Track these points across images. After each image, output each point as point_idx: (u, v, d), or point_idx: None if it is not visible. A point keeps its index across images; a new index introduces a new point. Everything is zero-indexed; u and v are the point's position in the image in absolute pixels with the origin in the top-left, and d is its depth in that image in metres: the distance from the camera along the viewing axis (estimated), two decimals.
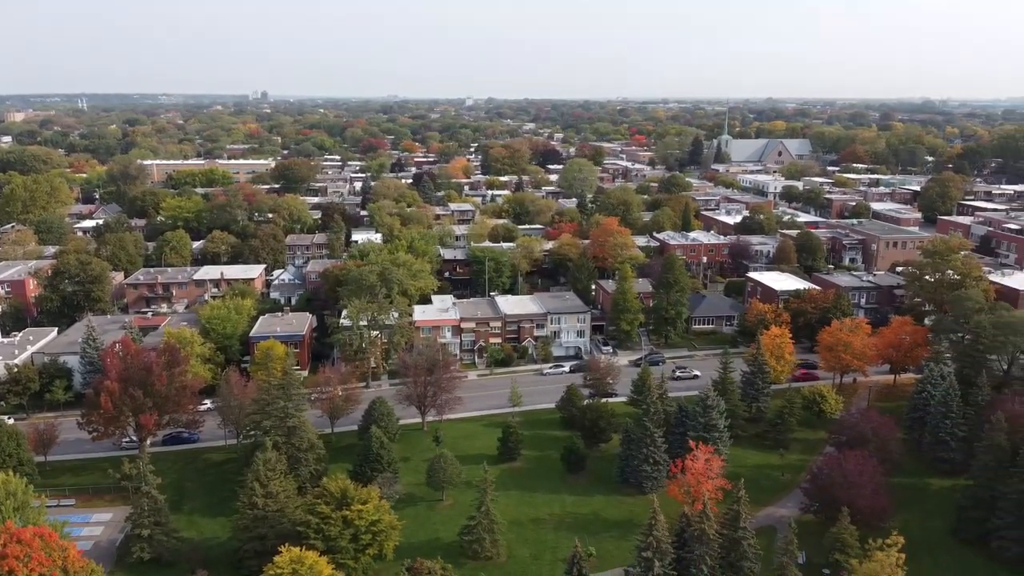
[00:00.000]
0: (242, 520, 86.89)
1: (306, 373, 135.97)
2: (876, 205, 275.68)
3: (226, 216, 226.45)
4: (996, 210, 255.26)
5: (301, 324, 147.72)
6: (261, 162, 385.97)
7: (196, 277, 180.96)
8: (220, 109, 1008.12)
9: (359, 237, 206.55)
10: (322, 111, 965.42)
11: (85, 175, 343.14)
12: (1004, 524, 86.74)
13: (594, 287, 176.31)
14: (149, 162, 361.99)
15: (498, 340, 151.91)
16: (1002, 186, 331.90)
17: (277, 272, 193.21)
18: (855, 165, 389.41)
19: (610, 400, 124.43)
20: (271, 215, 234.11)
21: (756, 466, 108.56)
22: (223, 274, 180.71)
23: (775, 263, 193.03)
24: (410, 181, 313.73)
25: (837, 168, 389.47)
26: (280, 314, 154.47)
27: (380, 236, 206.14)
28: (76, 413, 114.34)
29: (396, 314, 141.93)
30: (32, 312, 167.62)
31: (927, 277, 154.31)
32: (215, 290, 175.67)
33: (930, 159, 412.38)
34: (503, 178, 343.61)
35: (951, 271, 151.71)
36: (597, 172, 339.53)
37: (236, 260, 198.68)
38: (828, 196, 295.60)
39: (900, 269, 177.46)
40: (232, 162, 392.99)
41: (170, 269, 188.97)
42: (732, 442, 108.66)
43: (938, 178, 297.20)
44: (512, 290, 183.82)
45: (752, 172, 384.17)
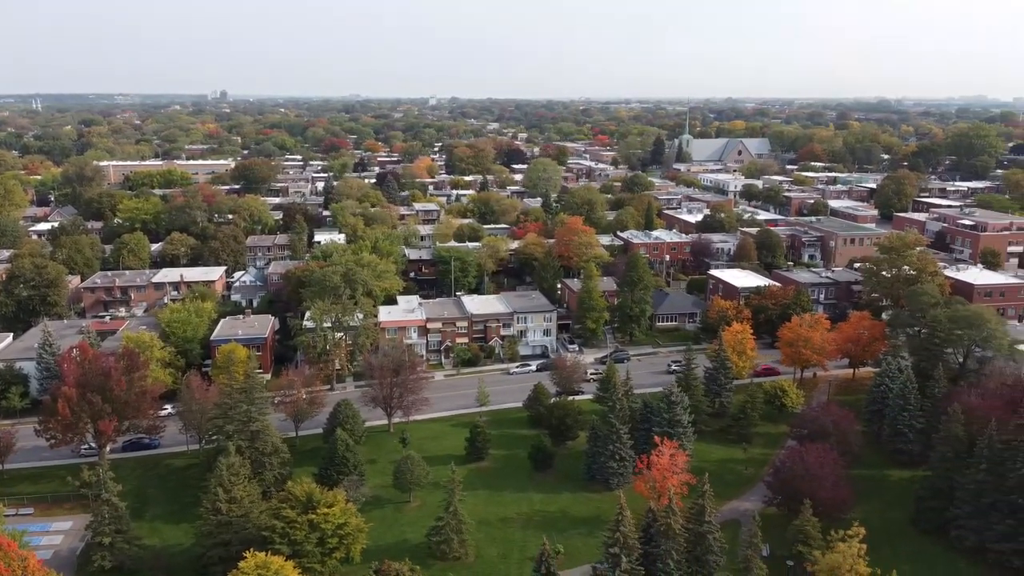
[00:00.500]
0: (205, 526, 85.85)
1: (269, 376, 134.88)
2: (834, 203, 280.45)
3: (185, 217, 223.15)
4: (950, 207, 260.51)
5: (263, 326, 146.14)
6: (221, 162, 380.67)
7: (155, 280, 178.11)
8: (178, 109, 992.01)
9: (322, 238, 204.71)
10: (283, 111, 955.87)
11: (40, 177, 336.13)
12: (962, 514, 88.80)
13: (560, 286, 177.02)
14: (105, 163, 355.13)
15: (465, 340, 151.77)
16: (956, 183, 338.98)
17: (238, 274, 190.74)
18: (813, 163, 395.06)
19: (577, 398, 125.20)
20: (231, 216, 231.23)
21: (720, 460, 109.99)
22: (183, 277, 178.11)
23: (736, 260, 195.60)
24: (373, 181, 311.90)
25: (795, 167, 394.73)
26: (242, 317, 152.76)
27: (343, 237, 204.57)
28: (33, 420, 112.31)
29: (361, 315, 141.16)
30: None
31: (884, 273, 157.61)
32: (175, 293, 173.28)
33: (886, 157, 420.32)
34: (468, 178, 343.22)
35: (907, 267, 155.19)
36: (561, 172, 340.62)
37: (196, 262, 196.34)
38: (787, 194, 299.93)
39: (858, 265, 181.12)
40: (191, 163, 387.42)
41: (128, 272, 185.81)
42: (696, 437, 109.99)
43: (894, 176, 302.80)
44: (478, 290, 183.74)
45: (713, 171, 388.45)
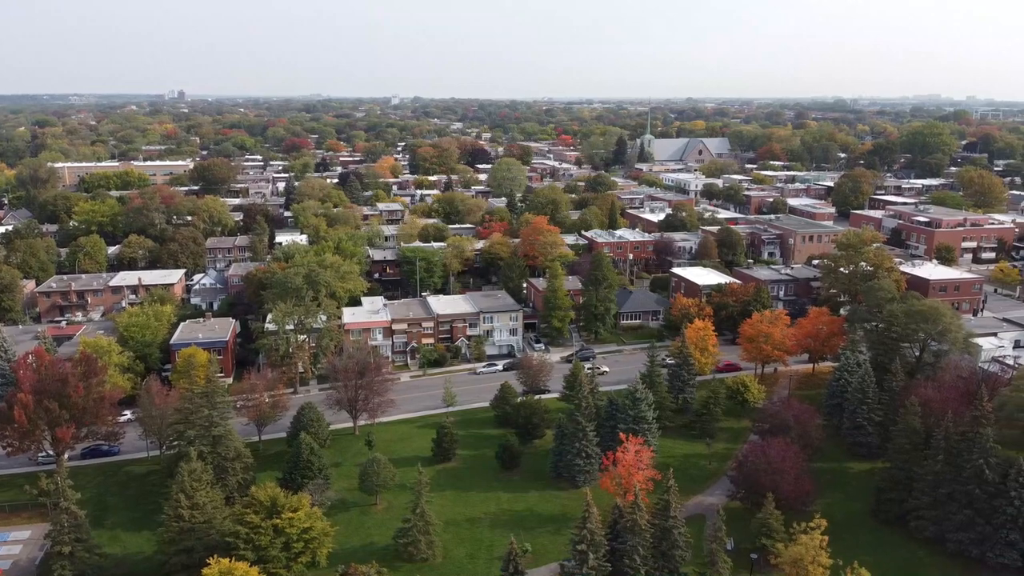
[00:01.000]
0: (167, 533, 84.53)
1: (231, 380, 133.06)
2: (792, 201, 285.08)
3: (143, 220, 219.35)
4: (905, 204, 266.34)
5: (224, 330, 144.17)
6: (179, 163, 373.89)
7: (112, 284, 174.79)
8: (135, 109, 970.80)
9: (283, 239, 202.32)
10: (242, 110, 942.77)
11: None
12: (920, 504, 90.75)
13: (525, 285, 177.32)
14: (60, 165, 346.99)
15: (431, 341, 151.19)
16: (911, 181, 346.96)
17: (198, 277, 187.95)
18: (772, 162, 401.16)
19: (543, 396, 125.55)
20: (190, 218, 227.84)
21: (684, 456, 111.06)
22: (141, 280, 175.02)
23: (698, 259, 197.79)
24: (336, 181, 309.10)
25: (755, 166, 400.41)
26: (202, 320, 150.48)
27: (305, 237, 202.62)
28: None
29: (324, 317, 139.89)
30: None
31: (842, 269, 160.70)
32: (133, 296, 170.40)
33: (843, 156, 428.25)
34: (432, 177, 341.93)
35: (864, 263, 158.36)
36: (526, 171, 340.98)
37: (154, 265, 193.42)
38: (747, 193, 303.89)
39: (816, 262, 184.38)
40: (148, 164, 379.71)
41: (84, 276, 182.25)
42: (661, 433, 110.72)
43: (850, 174, 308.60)
44: (444, 290, 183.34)
45: (674, 171, 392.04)
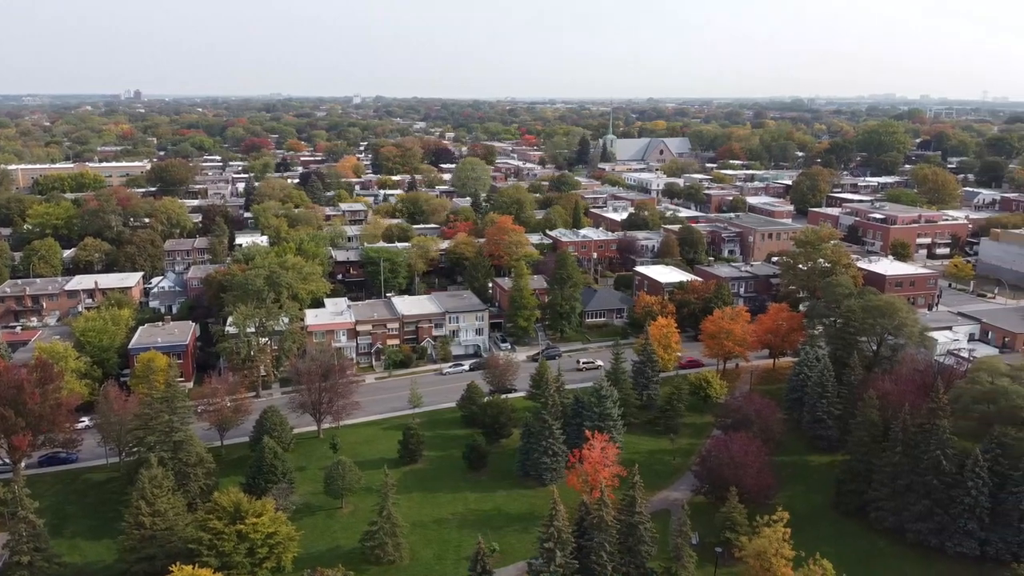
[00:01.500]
0: (128, 541, 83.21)
1: (191, 385, 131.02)
2: (752, 199, 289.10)
3: (99, 222, 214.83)
4: (862, 201, 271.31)
5: (184, 333, 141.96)
6: (136, 164, 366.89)
7: (68, 288, 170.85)
8: (90, 109, 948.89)
9: (243, 240, 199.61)
10: (200, 110, 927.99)
11: None
12: (880, 495, 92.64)
13: (491, 285, 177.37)
14: (13, 167, 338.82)
15: (396, 341, 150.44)
16: (867, 178, 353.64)
17: (156, 279, 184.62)
18: (731, 161, 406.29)
19: (510, 396, 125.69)
20: (148, 220, 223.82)
21: (649, 452, 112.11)
22: (97, 283, 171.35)
23: (660, 257, 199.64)
24: (297, 181, 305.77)
25: (715, 165, 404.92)
26: (160, 324, 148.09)
27: (266, 239, 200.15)
28: None
29: (286, 319, 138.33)
30: None
31: (800, 266, 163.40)
32: (89, 301, 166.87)
33: (800, 154, 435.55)
34: (395, 177, 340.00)
35: (822, 259, 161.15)
36: (490, 171, 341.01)
37: (111, 268, 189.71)
38: (707, 192, 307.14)
39: (775, 259, 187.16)
40: (104, 165, 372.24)
41: (39, 280, 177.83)
42: (626, 430, 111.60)
43: (808, 172, 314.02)
44: (409, 290, 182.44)
45: (636, 170, 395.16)
